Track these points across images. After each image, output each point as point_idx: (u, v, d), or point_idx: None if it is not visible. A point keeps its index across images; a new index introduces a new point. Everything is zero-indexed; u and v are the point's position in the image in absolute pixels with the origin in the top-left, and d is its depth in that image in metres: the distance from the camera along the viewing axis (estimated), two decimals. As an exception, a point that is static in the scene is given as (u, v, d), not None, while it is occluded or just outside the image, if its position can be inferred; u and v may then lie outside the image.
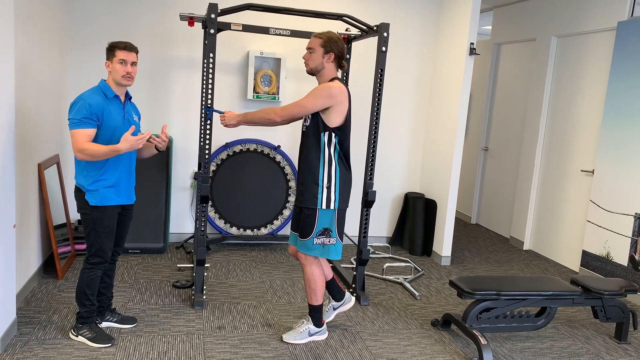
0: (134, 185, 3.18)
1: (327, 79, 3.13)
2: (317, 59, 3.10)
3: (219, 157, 5.05)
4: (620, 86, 4.61)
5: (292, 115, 3.10)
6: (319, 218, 3.13)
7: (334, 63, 3.12)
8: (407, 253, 5.40)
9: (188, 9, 4.76)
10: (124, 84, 2.97)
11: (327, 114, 3.07)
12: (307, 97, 3.06)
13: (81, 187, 2.98)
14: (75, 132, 2.84)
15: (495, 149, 6.64)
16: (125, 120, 3.04)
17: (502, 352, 3.38)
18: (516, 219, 6.03)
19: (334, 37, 3.10)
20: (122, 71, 2.93)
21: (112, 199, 3.00)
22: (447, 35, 5.23)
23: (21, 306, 3.48)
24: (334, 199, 3.13)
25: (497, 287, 3.35)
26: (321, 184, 3.11)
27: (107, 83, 2.99)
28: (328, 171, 3.12)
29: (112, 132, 2.94)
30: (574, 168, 5.27)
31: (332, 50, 3.08)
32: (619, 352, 3.51)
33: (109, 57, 2.96)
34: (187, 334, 3.30)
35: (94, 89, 2.97)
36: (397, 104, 5.46)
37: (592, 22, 5.04)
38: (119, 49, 2.93)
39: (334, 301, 3.51)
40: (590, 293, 3.50)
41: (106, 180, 2.97)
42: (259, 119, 3.18)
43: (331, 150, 3.11)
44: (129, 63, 2.94)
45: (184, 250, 4.92)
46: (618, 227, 4.59)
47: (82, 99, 2.87)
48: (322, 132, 3.09)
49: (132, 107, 3.16)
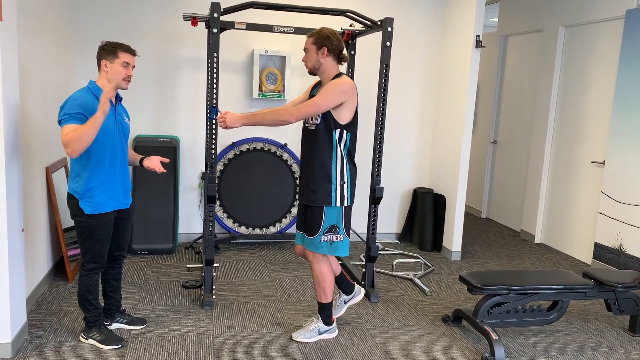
0: (129, 189, 3.13)
1: (331, 74, 3.11)
2: (312, 58, 3.10)
3: (225, 156, 5.05)
4: (630, 75, 4.54)
5: (307, 115, 3.05)
6: (326, 215, 3.12)
7: (332, 57, 3.10)
8: (416, 249, 5.37)
9: (192, 8, 4.75)
10: (123, 87, 2.93)
11: (338, 111, 3.05)
12: (321, 96, 3.02)
13: (74, 195, 2.91)
14: (64, 128, 2.74)
15: (504, 142, 6.58)
16: (118, 122, 2.99)
17: (514, 347, 3.35)
18: (527, 212, 5.97)
19: (325, 32, 3.09)
20: (124, 74, 2.90)
21: (107, 205, 2.95)
22: (453, 28, 5.18)
23: (32, 309, 3.50)
24: (347, 195, 3.15)
25: (507, 281, 3.32)
26: (335, 182, 3.11)
27: (98, 84, 2.91)
28: (340, 169, 3.12)
29: (104, 134, 2.87)
30: (584, 159, 5.21)
31: (324, 45, 3.06)
32: (634, 345, 3.46)
33: (109, 57, 2.88)
34: (197, 334, 3.31)
35: (84, 90, 2.89)
36: (403, 99, 5.42)
37: (600, 11, 4.97)
38: (122, 51, 2.89)
39: (345, 295, 3.50)
40: (603, 286, 3.45)
41: (99, 186, 2.90)
42: (270, 120, 3.08)
43: (342, 147, 3.11)
44: (130, 66, 2.92)
45: (193, 250, 4.93)
46: (630, 218, 4.53)
47: (72, 99, 2.80)
48: (334, 129, 3.07)
49: (122, 109, 3.09)
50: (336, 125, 3.07)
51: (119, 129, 3.00)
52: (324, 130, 3.09)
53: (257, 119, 3.11)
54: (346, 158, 3.14)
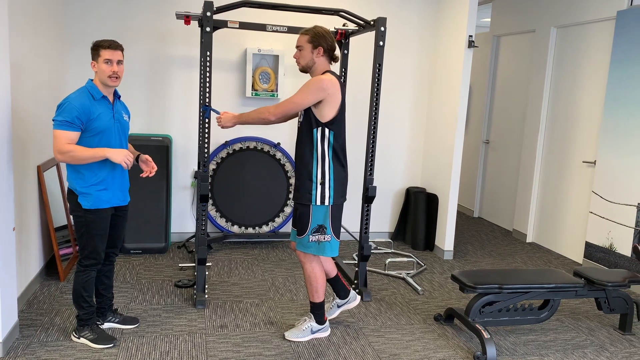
0: (127, 187, 3.15)
1: (320, 73, 3.12)
2: (307, 56, 3.10)
3: (218, 155, 5.04)
4: (621, 76, 4.58)
5: (285, 112, 3.08)
6: (313, 214, 3.12)
7: (325, 57, 3.11)
8: (409, 248, 5.39)
9: (185, 7, 4.73)
10: (111, 84, 2.92)
11: (319, 108, 3.04)
12: (298, 93, 3.04)
13: (74, 190, 2.94)
14: (58, 133, 2.77)
15: (496, 141, 6.61)
16: (116, 121, 3.00)
17: (505, 346, 3.37)
18: (519, 211, 6.01)
19: (321, 32, 3.09)
20: (109, 71, 2.87)
21: (105, 201, 2.97)
22: (445, 28, 5.20)
23: (23, 309, 3.48)
24: (328, 195, 3.12)
25: (499, 280, 3.34)
26: (315, 180, 3.10)
27: (94, 83, 2.93)
28: (322, 168, 3.10)
29: (100, 133, 2.89)
30: (575, 159, 5.25)
31: (320, 45, 3.07)
32: (624, 344, 3.49)
33: (94, 57, 2.89)
34: (190, 333, 3.30)
35: (81, 90, 2.91)
36: (396, 99, 5.43)
37: (591, 12, 5.00)
38: (103, 49, 2.87)
39: (338, 299, 3.50)
40: (594, 285, 3.48)
41: (99, 183, 2.94)
42: (254, 119, 3.17)
43: (325, 146, 3.09)
44: (114, 62, 2.88)
45: (185, 249, 4.92)
46: (621, 217, 4.57)
47: (68, 101, 2.82)
48: (315, 127, 3.06)
49: (121, 106, 3.11)
50: (317, 123, 3.05)
51: (117, 127, 3.01)
52: (306, 129, 3.09)
53: (244, 118, 3.22)
54: (330, 157, 3.10)
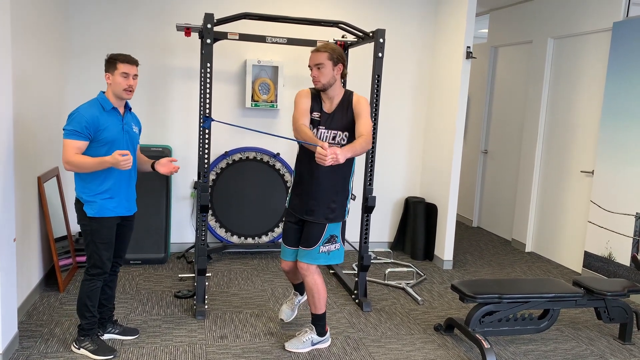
0: (134, 197, 3.17)
1: (339, 90, 3.11)
2: (328, 74, 3.00)
3: (218, 165, 5.06)
4: (618, 86, 4.62)
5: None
6: (328, 228, 3.17)
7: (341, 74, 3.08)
8: (408, 258, 5.39)
9: (185, 19, 4.77)
10: (125, 97, 2.97)
11: None
12: (367, 114, 2.99)
13: (80, 199, 2.99)
14: (67, 142, 2.85)
15: (494, 151, 6.64)
16: (125, 132, 3.03)
17: (505, 356, 3.36)
18: (517, 221, 6.02)
19: (337, 48, 3.05)
20: (125, 84, 2.93)
21: (110, 210, 2.99)
22: (443, 40, 5.24)
23: (23, 320, 3.47)
24: (347, 209, 3.28)
25: (499, 290, 3.34)
26: (344, 199, 3.20)
27: (106, 96, 2.98)
28: (351, 185, 3.24)
29: (109, 143, 2.94)
30: (573, 169, 5.27)
31: (340, 61, 3.02)
32: (624, 353, 3.49)
33: (110, 69, 2.94)
34: (190, 344, 3.30)
35: (92, 102, 2.96)
36: (395, 109, 5.46)
37: (588, 23, 5.05)
38: (120, 62, 2.92)
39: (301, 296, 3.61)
40: (593, 294, 3.49)
41: (105, 192, 2.97)
42: (364, 149, 2.87)
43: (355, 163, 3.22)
44: (130, 76, 2.94)
45: (185, 260, 4.92)
46: (619, 227, 4.58)
47: (78, 112, 2.88)
48: None
49: (132, 118, 3.15)
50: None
51: (126, 139, 3.04)
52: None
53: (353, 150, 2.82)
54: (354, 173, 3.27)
